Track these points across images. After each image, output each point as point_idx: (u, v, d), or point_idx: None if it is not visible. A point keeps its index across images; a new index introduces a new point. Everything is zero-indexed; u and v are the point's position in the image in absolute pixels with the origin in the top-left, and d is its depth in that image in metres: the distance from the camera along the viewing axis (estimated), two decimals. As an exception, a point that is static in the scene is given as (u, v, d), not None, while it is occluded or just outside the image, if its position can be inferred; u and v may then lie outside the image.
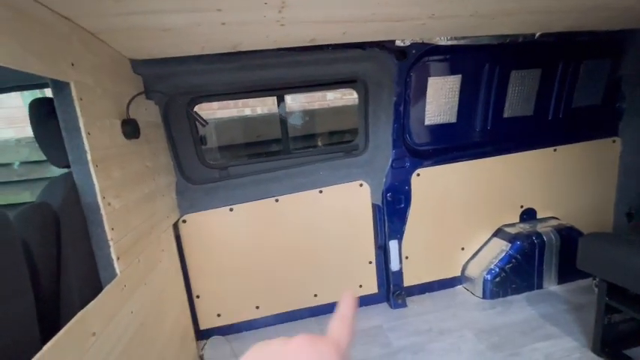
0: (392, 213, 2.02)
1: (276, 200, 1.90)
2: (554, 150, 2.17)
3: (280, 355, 0.28)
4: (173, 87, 1.61)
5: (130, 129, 1.21)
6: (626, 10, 1.42)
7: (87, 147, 0.96)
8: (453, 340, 1.78)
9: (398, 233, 2.06)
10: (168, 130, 1.70)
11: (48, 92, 0.95)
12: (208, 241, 1.87)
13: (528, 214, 2.24)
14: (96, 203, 1.00)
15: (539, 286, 2.12)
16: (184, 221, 1.81)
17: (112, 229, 1.04)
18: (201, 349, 1.91)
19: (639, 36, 1.94)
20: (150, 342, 1.26)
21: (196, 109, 1.79)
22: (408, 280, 2.15)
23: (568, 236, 2.06)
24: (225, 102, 3.42)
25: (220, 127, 2.71)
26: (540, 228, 2.12)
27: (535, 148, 2.15)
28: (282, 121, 1.90)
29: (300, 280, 2.03)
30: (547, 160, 2.17)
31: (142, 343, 1.18)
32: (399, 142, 1.94)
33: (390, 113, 1.86)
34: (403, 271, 2.11)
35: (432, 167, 2.04)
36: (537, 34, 1.75)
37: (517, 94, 2.04)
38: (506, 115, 2.07)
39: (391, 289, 2.11)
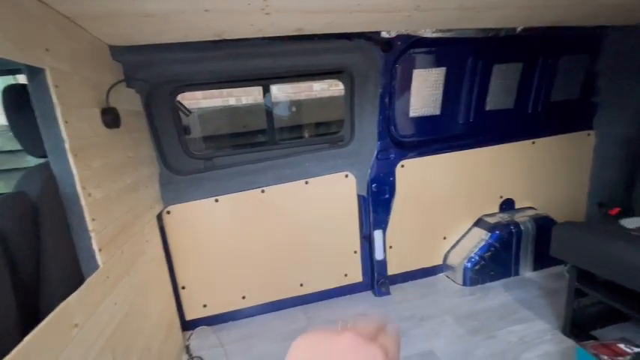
0: (377, 203, 2.06)
1: (262, 191, 1.90)
2: (533, 142, 2.25)
3: (327, 354, 0.27)
4: (155, 75, 1.57)
5: (111, 118, 1.18)
6: (601, 6, 1.47)
7: (64, 136, 0.93)
8: (434, 325, 1.85)
9: (382, 223, 2.10)
10: (150, 119, 1.67)
11: (23, 79, 0.91)
12: (193, 233, 1.86)
13: (507, 204, 2.32)
14: (75, 193, 0.97)
15: (516, 273, 2.22)
16: (169, 212, 1.79)
17: (94, 219, 1.03)
18: (187, 340, 1.92)
19: (614, 33, 2.01)
20: (135, 333, 1.26)
21: (180, 98, 1.75)
22: (392, 269, 2.21)
23: (543, 225, 2.15)
24: (209, 91, 3.37)
25: (205, 117, 2.67)
26: (518, 218, 2.20)
27: (515, 141, 2.21)
28: (268, 111, 1.89)
29: (286, 270, 2.05)
30: (526, 152, 2.25)
31: (127, 335, 1.18)
32: (384, 134, 1.96)
33: (376, 105, 1.87)
34: (387, 260, 2.17)
35: (416, 159, 2.07)
36: (519, 29, 1.79)
37: (499, 88, 2.09)
38: (488, 107, 2.12)
39: (375, 278, 2.16)
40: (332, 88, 3.45)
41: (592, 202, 2.41)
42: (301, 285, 2.10)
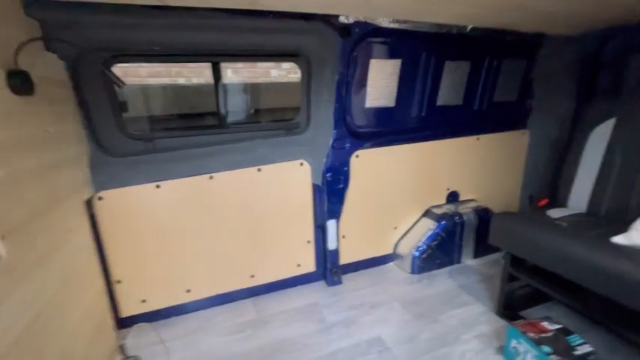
0: (331, 193, 2.04)
1: (211, 177, 1.77)
2: (477, 139, 2.39)
3: None
4: (85, 40, 1.36)
5: (19, 82, 0.99)
6: (538, 14, 1.58)
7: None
8: (382, 312, 1.90)
9: (336, 213, 2.09)
10: (78, 91, 1.45)
11: None
12: (131, 221, 1.68)
13: (453, 196, 2.46)
14: None
15: (459, 261, 2.36)
16: (101, 198, 1.59)
17: None
18: (123, 339, 1.75)
19: (548, 43, 2.20)
20: (51, 335, 1.09)
21: (120, 73, 1.55)
22: (345, 259, 2.22)
23: (483, 216, 2.31)
24: (156, 69, 3.08)
25: (147, 95, 2.43)
26: (462, 209, 2.34)
27: (462, 136, 2.34)
28: (218, 91, 1.76)
29: (236, 261, 1.95)
30: (471, 148, 2.39)
31: (40, 337, 1.02)
32: (340, 123, 1.94)
33: (333, 92, 1.84)
34: (340, 249, 2.17)
35: (370, 149, 2.09)
36: (469, 28, 1.87)
37: (450, 84, 2.18)
38: (439, 103, 2.21)
39: (328, 268, 2.16)
40: (290, 75, 3.37)
41: (525, 195, 2.65)
42: (252, 276, 2.02)
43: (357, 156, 2.06)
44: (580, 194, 1.77)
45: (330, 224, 2.10)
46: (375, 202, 2.22)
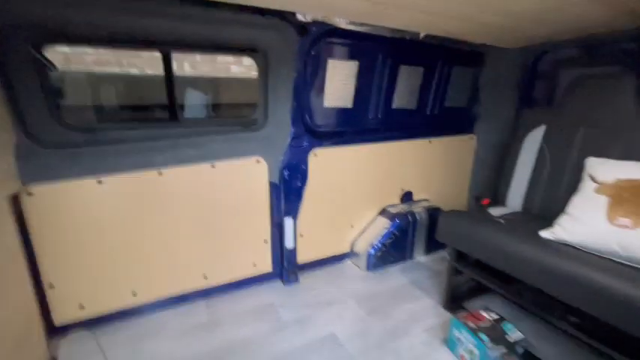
0: (289, 191, 2.03)
1: (160, 173, 1.68)
2: (430, 142, 2.52)
3: None
4: (9, 15, 1.22)
5: None
6: (484, 25, 1.70)
7: None
8: (338, 309, 1.92)
9: (294, 211, 2.09)
10: (2, 73, 1.30)
11: None
12: (67, 219, 1.54)
13: (407, 196, 2.56)
14: None
15: (411, 257, 2.47)
16: (31, 194, 1.44)
17: None
18: (56, 349, 1.59)
19: (493, 53, 2.38)
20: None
21: (61, 59, 1.41)
22: (302, 257, 2.22)
23: (434, 215, 2.44)
24: (105, 57, 2.87)
25: (93, 83, 2.25)
26: (415, 208, 2.45)
27: (416, 139, 2.45)
28: (169, 83, 1.67)
29: (188, 262, 1.87)
30: (424, 150, 2.51)
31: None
32: (298, 121, 1.94)
33: (290, 90, 1.83)
34: (297, 248, 2.17)
35: (328, 148, 2.11)
36: (422, 35, 1.96)
37: (404, 88, 2.27)
38: (394, 106, 2.29)
39: (285, 267, 2.14)
40: (252, 72, 3.31)
41: (472, 195, 2.83)
42: (205, 277, 1.94)
43: (315, 155, 2.07)
44: (516, 194, 1.94)
45: (288, 223, 2.08)
46: (333, 200, 2.24)
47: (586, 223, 1.37)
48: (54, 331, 1.63)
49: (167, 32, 1.51)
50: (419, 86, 2.32)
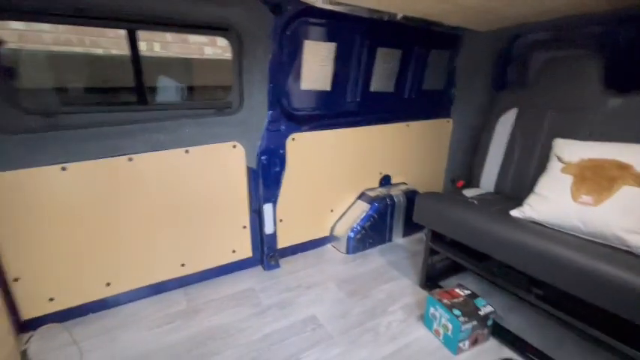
0: (267, 176, 2.01)
1: (130, 159, 1.61)
2: (407, 125, 2.54)
3: None
4: None
5: None
6: (458, 6, 1.70)
7: None
8: (318, 292, 1.95)
9: (273, 197, 2.07)
10: None
11: None
12: (30, 209, 1.45)
13: (385, 180, 2.59)
14: None
15: (389, 240, 2.52)
16: (-14, 183, 1.34)
17: None
18: (25, 343, 1.53)
19: (468, 36, 2.40)
20: None
21: (16, 37, 1.29)
22: (282, 242, 2.22)
23: (412, 198, 2.49)
24: (65, 36, 2.67)
25: (53, 64, 2.10)
26: (393, 191, 2.48)
27: (393, 122, 2.46)
28: (136, 64, 1.58)
29: (164, 250, 1.83)
30: (401, 133, 2.53)
31: None
32: (274, 104, 1.89)
33: (266, 72, 1.78)
34: (277, 233, 2.16)
35: (306, 133, 2.09)
36: (399, 16, 1.94)
37: (382, 71, 2.26)
38: (372, 89, 2.28)
39: (265, 252, 2.14)
40: (227, 53, 3.19)
41: (448, 178, 2.91)
42: (182, 265, 1.91)
43: (293, 139, 2.04)
44: (489, 175, 2.00)
45: (267, 208, 2.07)
46: (312, 185, 2.24)
47: (552, 201, 1.44)
48: (22, 325, 1.57)
49: (133, 9, 1.41)
50: (397, 69, 2.31)
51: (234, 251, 2.07)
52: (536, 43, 2.16)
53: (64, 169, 1.48)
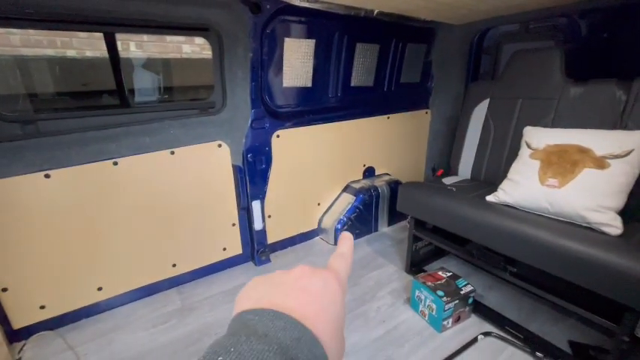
0: (253, 174, 2.04)
1: (115, 163, 1.61)
2: (388, 117, 2.62)
3: (283, 283, 0.26)
4: None
5: None
6: (431, 1, 1.77)
7: None
8: (309, 283, 2.01)
9: (260, 194, 2.11)
10: None
11: None
12: (14, 218, 1.44)
13: (369, 172, 2.67)
14: None
15: (375, 229, 2.61)
16: (-33, 194, 1.32)
17: None
18: (19, 352, 1.53)
19: (442, 29, 2.48)
20: None
21: None
22: (272, 238, 2.27)
23: (395, 188, 2.58)
24: (35, 38, 2.58)
25: (25, 69, 2.04)
26: (377, 182, 2.57)
27: (374, 115, 2.53)
28: (115, 66, 1.57)
29: (154, 252, 1.84)
30: (382, 126, 2.61)
31: None
32: (257, 102, 1.92)
33: (248, 70, 1.80)
34: (266, 229, 2.21)
35: (291, 129, 2.13)
36: (376, 12, 1.99)
37: (362, 66, 2.31)
38: (353, 84, 2.34)
39: (255, 248, 2.18)
40: (205, 51, 3.16)
41: (428, 167, 3.02)
42: (174, 265, 1.93)
43: (277, 136, 2.08)
44: (466, 164, 2.11)
45: (255, 205, 2.10)
46: (299, 180, 2.29)
47: (523, 185, 1.55)
48: (14, 334, 1.56)
49: (110, 11, 1.40)
50: (376, 64, 2.37)
51: (224, 249, 2.10)
52: (506, 35, 2.27)
53: (47, 176, 1.47)
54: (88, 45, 2.65)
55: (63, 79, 2.11)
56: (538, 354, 1.40)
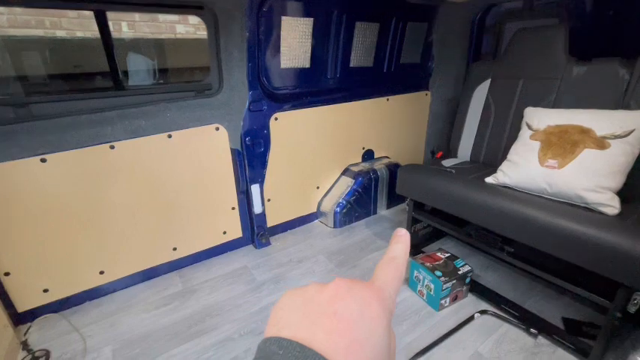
0: (252, 157, 2.02)
1: (112, 147, 1.59)
2: (387, 99, 2.58)
3: (314, 304, 0.23)
4: None
5: None
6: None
7: None
8: (309, 265, 2.04)
9: (259, 177, 2.10)
10: None
11: None
12: (12, 203, 1.43)
13: (368, 154, 2.66)
14: None
15: (374, 212, 2.63)
16: (-37, 179, 1.31)
17: None
18: (25, 334, 1.56)
19: (444, 7, 2.41)
20: None
21: None
22: (271, 221, 2.28)
23: (394, 171, 2.57)
24: (22, 17, 2.49)
25: (13, 50, 1.97)
26: (376, 165, 2.56)
27: (374, 97, 2.49)
28: (107, 46, 1.52)
29: (154, 236, 1.85)
30: (382, 108, 2.57)
31: None
32: (255, 84, 1.88)
33: (244, 51, 1.76)
34: (266, 212, 2.21)
35: (289, 112, 2.10)
36: (376, -11, 1.93)
37: (361, 45, 2.25)
38: (352, 64, 2.29)
39: (255, 231, 2.20)
40: (199, 32, 3.07)
41: (428, 150, 3.01)
42: (174, 249, 1.94)
43: (276, 118, 2.05)
44: (466, 145, 2.09)
45: (254, 189, 2.10)
46: (298, 163, 2.28)
47: (522, 166, 1.55)
48: (19, 317, 1.59)
49: None
50: (375, 44, 2.32)
51: (224, 232, 2.11)
52: (509, 13, 2.21)
53: (43, 160, 1.45)
54: (79, 25, 2.56)
55: (54, 60, 2.05)
56: (532, 330, 1.44)
